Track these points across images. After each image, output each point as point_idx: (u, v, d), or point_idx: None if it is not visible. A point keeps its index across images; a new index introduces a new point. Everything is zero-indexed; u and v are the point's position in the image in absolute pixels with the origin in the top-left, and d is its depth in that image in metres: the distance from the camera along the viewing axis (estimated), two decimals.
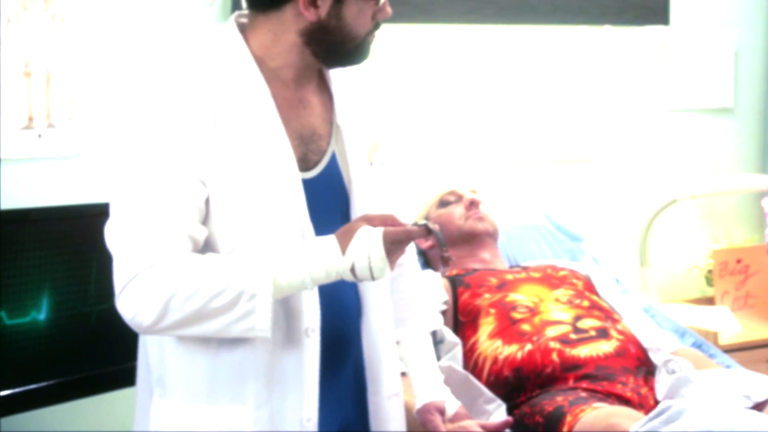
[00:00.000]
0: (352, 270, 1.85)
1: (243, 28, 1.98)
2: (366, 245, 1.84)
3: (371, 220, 1.88)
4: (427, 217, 3.13)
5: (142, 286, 1.81)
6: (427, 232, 1.91)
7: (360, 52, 1.99)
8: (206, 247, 1.89)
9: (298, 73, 1.99)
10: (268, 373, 1.92)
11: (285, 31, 1.94)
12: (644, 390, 2.66)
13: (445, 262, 1.97)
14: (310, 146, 1.99)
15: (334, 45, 1.95)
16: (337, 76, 2.09)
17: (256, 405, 1.91)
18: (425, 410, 2.25)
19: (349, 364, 2.06)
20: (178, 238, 1.84)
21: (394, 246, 1.87)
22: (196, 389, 1.93)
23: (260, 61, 1.95)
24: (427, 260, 3.17)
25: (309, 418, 1.94)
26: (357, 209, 2.03)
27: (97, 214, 2.05)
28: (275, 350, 1.92)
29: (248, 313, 1.83)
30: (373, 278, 1.87)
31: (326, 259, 1.85)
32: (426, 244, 3.11)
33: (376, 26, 1.98)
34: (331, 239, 1.87)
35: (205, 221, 1.89)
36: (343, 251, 1.85)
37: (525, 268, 3.08)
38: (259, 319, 1.83)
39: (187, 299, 1.81)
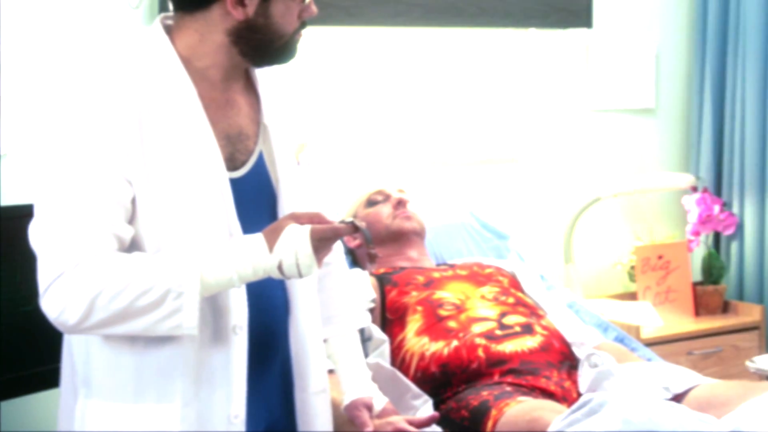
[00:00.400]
0: (280, 267, 1.85)
1: (169, 30, 1.97)
2: (293, 243, 1.84)
3: (298, 218, 1.88)
4: (355, 216, 3.13)
5: (66, 285, 1.79)
6: (354, 229, 1.90)
7: (287, 50, 1.99)
8: (134, 246, 1.88)
9: (226, 73, 1.98)
10: (195, 371, 1.91)
11: (212, 31, 1.93)
12: (567, 383, 2.68)
13: (372, 258, 1.96)
14: (238, 146, 1.98)
15: (262, 44, 1.95)
16: (264, 76, 2.08)
17: (183, 403, 1.89)
18: (353, 406, 2.24)
19: (277, 362, 2.06)
20: (103, 237, 1.81)
21: (321, 243, 1.86)
22: (122, 388, 1.90)
23: (187, 62, 1.94)
24: (354, 259, 3.16)
25: (236, 415, 1.93)
26: (284, 208, 2.02)
27: (22, 215, 2.01)
28: (203, 348, 1.91)
29: (175, 311, 1.81)
30: (300, 275, 1.86)
31: (254, 257, 1.84)
32: (354, 243, 3.10)
33: (303, 25, 1.99)
34: (258, 237, 1.86)
35: (131, 220, 1.87)
36: (271, 249, 1.84)
37: (452, 266, 3.09)
38: (186, 317, 1.81)
39: (112, 298, 1.79)
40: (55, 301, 1.80)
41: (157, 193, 1.87)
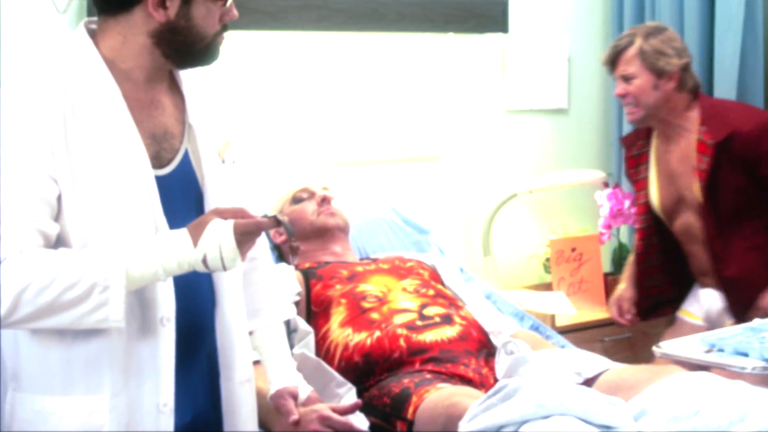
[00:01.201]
0: (204, 261, 1.84)
1: (93, 34, 1.94)
2: (217, 237, 1.83)
3: (222, 213, 1.87)
4: (280, 213, 3.11)
5: None
6: (276, 223, 1.90)
7: (209, 52, 1.97)
8: (61, 243, 1.85)
9: (149, 74, 1.95)
10: (124, 362, 1.89)
11: (135, 33, 1.91)
12: (485, 370, 2.69)
13: (293, 251, 1.96)
14: (163, 144, 1.96)
15: (183, 45, 1.93)
16: (188, 77, 2.06)
17: (112, 393, 1.88)
18: (278, 395, 2.23)
19: (203, 353, 2.04)
20: (28, 234, 1.79)
21: (244, 237, 1.86)
22: (50, 381, 1.87)
23: (111, 64, 1.91)
24: (280, 254, 3.14)
25: (165, 403, 1.92)
26: (210, 204, 2.01)
27: None
28: (131, 340, 1.89)
29: (101, 305, 1.79)
30: (224, 269, 1.85)
31: (178, 250, 1.83)
32: (280, 238, 3.09)
33: (224, 28, 1.97)
34: (182, 232, 1.85)
35: (57, 218, 1.84)
36: (195, 243, 1.83)
37: (375, 260, 3.09)
38: (112, 310, 1.79)
39: (39, 292, 1.76)
40: None
41: (84, 191, 1.85)
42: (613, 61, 3.30)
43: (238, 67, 3.36)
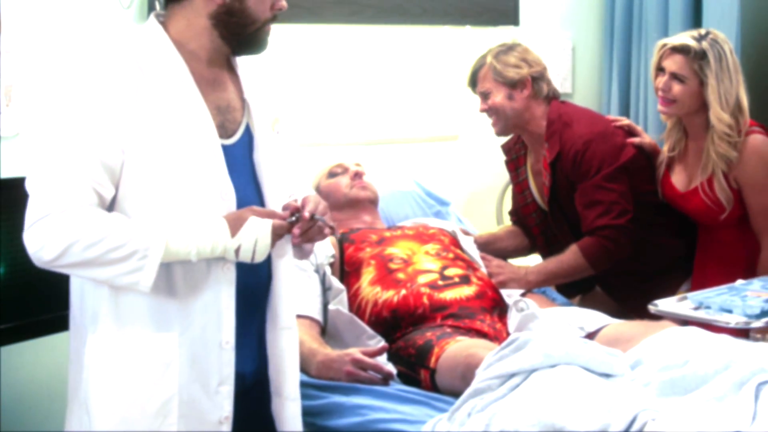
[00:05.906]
0: (237, 250, 1.85)
1: (162, 23, 1.96)
2: (256, 232, 1.85)
3: (258, 213, 1.89)
4: (318, 186, 3.12)
5: (49, 227, 1.78)
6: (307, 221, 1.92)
7: (259, 39, 1.98)
8: (126, 207, 1.85)
9: (210, 54, 1.98)
10: (189, 305, 1.90)
11: (197, 16, 1.94)
12: (499, 325, 2.70)
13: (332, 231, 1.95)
14: (227, 116, 1.98)
15: (237, 27, 1.94)
16: (242, 61, 2.06)
17: (180, 332, 1.89)
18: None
19: (260, 308, 2.04)
20: (86, 192, 1.81)
21: (276, 238, 1.89)
22: (125, 323, 1.89)
23: (178, 45, 1.94)
24: None
25: (227, 341, 1.93)
26: (263, 174, 2.01)
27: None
28: (195, 285, 1.90)
29: (136, 270, 1.81)
30: (253, 261, 1.87)
31: (216, 237, 1.85)
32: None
33: (273, 18, 1.98)
34: (221, 221, 1.86)
35: (119, 184, 1.85)
36: (233, 234, 1.85)
37: (401, 227, 3.09)
38: (144, 276, 1.82)
39: (87, 247, 1.79)
40: (37, 238, 1.79)
41: (153, 158, 1.86)
42: (473, 82, 3.19)
43: (281, 57, 3.36)
